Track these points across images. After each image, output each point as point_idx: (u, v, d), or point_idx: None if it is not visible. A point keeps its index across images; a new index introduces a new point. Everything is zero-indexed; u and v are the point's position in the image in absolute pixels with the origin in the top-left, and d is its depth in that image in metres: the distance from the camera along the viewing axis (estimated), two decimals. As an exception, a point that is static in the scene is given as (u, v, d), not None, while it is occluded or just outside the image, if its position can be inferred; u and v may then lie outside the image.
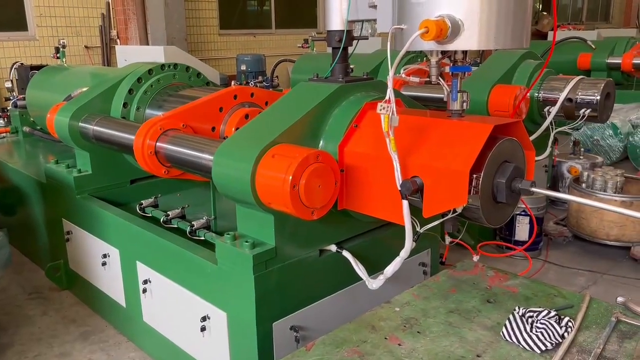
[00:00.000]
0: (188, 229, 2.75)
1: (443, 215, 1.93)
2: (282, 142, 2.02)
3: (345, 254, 2.31)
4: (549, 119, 3.90)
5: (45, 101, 4.03)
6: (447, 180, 1.78)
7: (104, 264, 3.04)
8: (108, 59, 7.81)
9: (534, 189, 1.81)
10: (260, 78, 6.46)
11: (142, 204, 3.14)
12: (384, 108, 1.81)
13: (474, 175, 1.77)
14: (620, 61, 7.72)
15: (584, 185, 3.99)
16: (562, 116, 4.01)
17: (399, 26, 1.87)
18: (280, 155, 1.93)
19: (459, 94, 1.94)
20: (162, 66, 3.33)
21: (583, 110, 3.84)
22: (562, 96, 3.89)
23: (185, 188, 3.62)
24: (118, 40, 7.79)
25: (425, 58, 5.16)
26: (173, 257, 2.52)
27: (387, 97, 1.82)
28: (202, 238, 2.73)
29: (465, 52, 1.92)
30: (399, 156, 1.86)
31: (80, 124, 3.12)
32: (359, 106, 2.16)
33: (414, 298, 1.89)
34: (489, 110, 3.79)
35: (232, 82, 2.99)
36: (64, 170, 3.34)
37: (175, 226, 2.89)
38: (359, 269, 2.25)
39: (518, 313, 1.70)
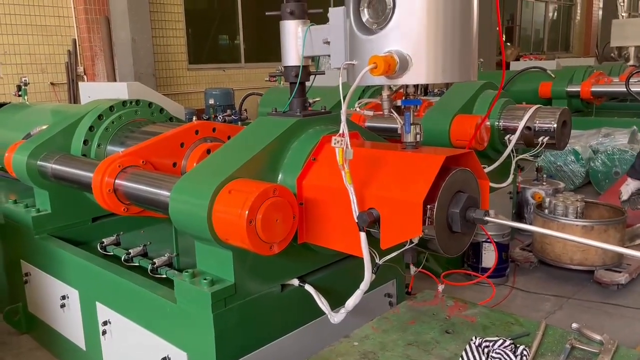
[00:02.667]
0: (149, 267, 2.70)
1: (402, 245, 1.94)
2: (239, 176, 2.02)
3: (308, 288, 2.29)
4: (510, 147, 3.98)
5: (4, 139, 3.95)
6: (402, 212, 1.79)
7: (62, 305, 2.95)
8: (74, 95, 7.76)
9: (488, 218, 1.83)
10: (228, 112, 6.47)
11: (103, 242, 3.07)
12: (338, 142, 1.83)
13: (428, 206, 1.79)
14: (579, 89, 7.99)
15: (546, 211, 4.06)
16: (522, 144, 4.11)
17: (350, 62, 1.91)
18: (236, 191, 1.92)
19: (412, 127, 1.98)
20: (124, 102, 3.31)
21: (541, 137, 3.94)
22: (521, 125, 3.99)
23: (149, 224, 3.56)
24: (85, 77, 7.76)
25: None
26: (132, 297, 2.46)
27: (340, 131, 1.84)
28: (164, 276, 2.68)
29: (416, 86, 1.96)
30: (355, 188, 1.87)
31: (38, 162, 3.07)
32: (316, 139, 2.18)
33: (373, 331, 1.88)
34: (451, 139, 3.86)
35: (194, 118, 2.98)
36: (22, 210, 3.26)
37: (137, 264, 2.84)
38: (322, 303, 2.23)
39: (474, 343, 1.70)
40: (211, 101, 6.60)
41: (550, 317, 3.49)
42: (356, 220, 1.86)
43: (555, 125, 3.90)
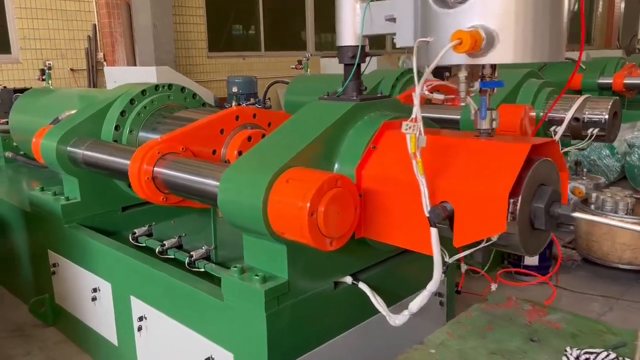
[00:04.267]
0: (187, 260, 2.56)
1: (473, 243, 1.77)
2: (295, 165, 1.85)
3: (362, 286, 2.13)
4: (556, 139, 3.78)
5: (30, 125, 3.82)
6: (482, 206, 1.62)
7: (94, 299, 2.82)
8: (94, 81, 7.62)
9: (576, 215, 1.65)
10: (252, 100, 6.31)
11: (135, 233, 2.93)
12: (410, 127, 1.66)
13: (511, 200, 1.61)
14: (611, 81, 7.73)
15: (592, 206, 3.87)
16: (568, 136, 3.91)
17: (424, 39, 1.73)
18: (295, 180, 1.76)
19: (488, 112, 1.80)
20: (156, 87, 3.15)
21: (590, 129, 3.73)
22: (569, 115, 3.78)
23: (180, 215, 3.42)
24: (105, 63, 7.61)
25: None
26: (172, 292, 2.31)
27: (413, 116, 1.66)
28: (202, 270, 2.53)
29: (494, 67, 1.78)
30: (426, 180, 1.70)
31: (68, 148, 2.93)
32: (376, 126, 2.00)
33: (449, 337, 1.71)
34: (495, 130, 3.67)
35: (234, 103, 2.83)
36: (50, 197, 3.12)
37: (172, 257, 2.69)
38: (378, 303, 2.07)
39: (571, 355, 1.53)
40: (234, 89, 6.43)
41: (601, 319, 3.31)
42: (427, 215, 1.69)
43: (606, 117, 3.69)
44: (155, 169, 2.34)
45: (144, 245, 2.87)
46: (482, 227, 1.63)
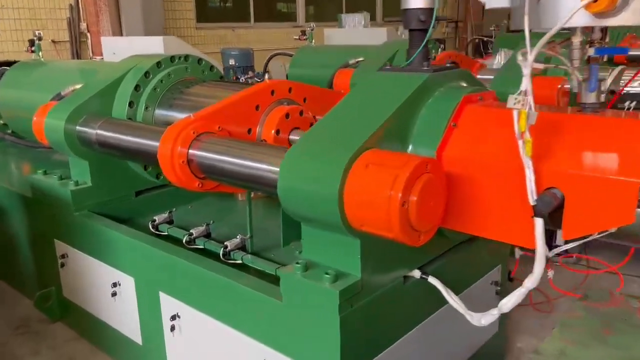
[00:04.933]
0: (221, 251, 2.30)
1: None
2: (370, 147, 1.60)
3: (433, 280, 1.91)
4: (590, 112, 3.59)
5: (23, 101, 3.48)
6: (606, 193, 1.40)
7: (114, 294, 2.55)
8: (78, 54, 7.16)
9: None
10: (250, 73, 5.96)
11: (155, 220, 2.65)
12: (518, 102, 1.42)
13: (638, 186, 1.40)
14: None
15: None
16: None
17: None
18: (377, 165, 1.51)
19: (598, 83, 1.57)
20: (172, 58, 2.84)
21: (627, 102, 3.54)
22: (605, 87, 3.58)
23: (197, 199, 3.15)
24: (88, 34, 7.15)
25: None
26: (214, 289, 2.07)
27: (522, 88, 1.43)
28: (239, 262, 2.29)
29: (605, 31, 1.55)
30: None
31: (77, 127, 2.62)
32: (454, 100, 1.76)
33: (566, 344, 1.51)
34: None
35: (266, 77, 2.54)
36: (55, 182, 2.82)
37: (201, 247, 2.44)
38: (453, 300, 1.86)
39: None
40: (231, 62, 6.08)
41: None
42: (534, 204, 1.47)
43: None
44: (190, 151, 2.06)
45: (166, 233, 2.61)
46: (603, 218, 1.42)
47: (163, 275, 2.31)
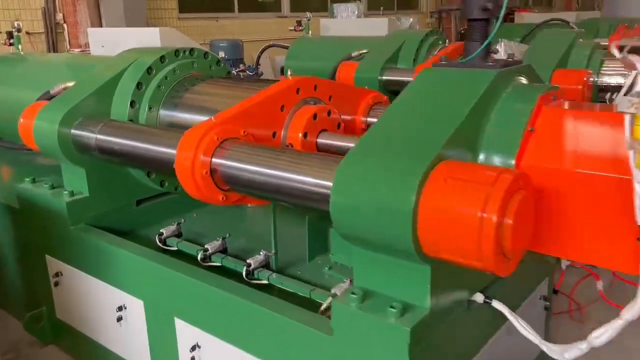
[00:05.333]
0: (244, 270, 2.05)
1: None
2: (443, 157, 1.36)
3: (498, 305, 1.68)
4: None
5: (6, 100, 3.14)
6: None
7: (119, 318, 2.26)
8: (54, 46, 6.74)
9: None
10: (242, 66, 5.67)
11: (162, 233, 2.38)
12: (633, 105, 1.20)
13: None
14: (607, 43, 7.49)
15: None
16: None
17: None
18: (461, 180, 1.27)
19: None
20: (176, 52, 2.55)
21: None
22: (629, 81, 3.40)
23: (202, 206, 2.88)
24: (65, 25, 6.72)
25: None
26: (242, 317, 1.81)
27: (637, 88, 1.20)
28: (265, 282, 2.04)
29: None
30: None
31: (73, 131, 2.32)
32: (531, 101, 1.52)
33: None
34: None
35: (290, 73, 2.26)
36: (47, 192, 2.51)
37: (219, 264, 2.18)
38: (526, 329, 1.63)
39: None
40: (221, 54, 5.76)
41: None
42: (645, 224, 1.24)
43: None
44: (214, 159, 1.79)
45: (175, 248, 2.34)
46: None
47: (179, 299, 2.04)
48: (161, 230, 2.39)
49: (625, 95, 1.27)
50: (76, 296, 2.51)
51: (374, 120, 2.41)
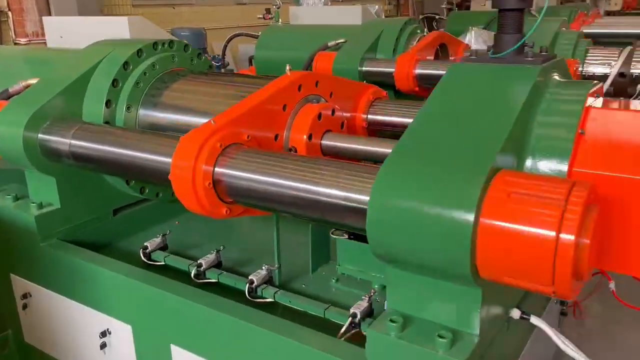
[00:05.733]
0: (246, 288, 1.85)
1: None
2: (499, 166, 1.20)
3: (536, 321, 1.55)
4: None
5: (-47, 99, 2.78)
6: None
7: (103, 345, 2.02)
8: (-2, 36, 6.24)
9: None
10: (207, 56, 5.36)
11: (146, 247, 2.14)
12: None
13: None
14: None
15: None
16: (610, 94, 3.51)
17: None
18: (529, 195, 1.11)
19: None
20: (155, 44, 2.30)
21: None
22: (614, 70, 3.37)
23: (183, 212, 2.64)
24: (10, 13, 6.22)
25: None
26: (253, 345, 1.61)
27: None
28: (269, 300, 1.85)
29: None
30: None
31: (41, 135, 2.04)
32: (579, 101, 1.38)
33: None
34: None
35: (288, 68, 2.03)
36: (11, 204, 2.23)
37: (214, 281, 1.97)
38: (569, 347, 1.51)
39: None
40: (184, 44, 5.43)
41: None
42: None
43: (660, 70, 3.31)
44: (217, 169, 1.57)
45: (163, 263, 2.11)
46: None
47: (174, 324, 1.83)
48: (145, 244, 2.15)
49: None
50: (49, 320, 2.24)
51: (376, 117, 2.25)
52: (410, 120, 2.10)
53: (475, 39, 4.80)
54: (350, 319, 1.63)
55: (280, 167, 1.47)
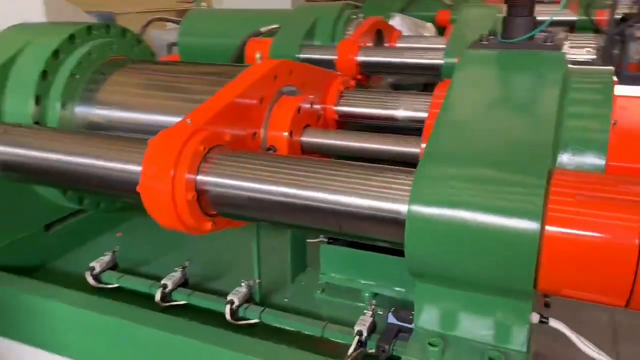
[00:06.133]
0: (227, 309, 1.61)
1: None
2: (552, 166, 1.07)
3: (556, 324, 1.45)
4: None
5: None
6: None
7: (50, 390, 1.69)
8: None
9: None
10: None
11: (94, 268, 1.83)
12: None
13: None
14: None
15: None
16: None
17: None
18: (599, 198, 0.99)
19: None
20: (89, 28, 1.96)
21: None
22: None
23: (123, 221, 2.34)
24: None
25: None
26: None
27: None
28: (254, 321, 1.62)
29: None
30: None
31: (-46, 141, 1.65)
32: (608, 89, 1.29)
33: None
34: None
35: (259, 56, 1.76)
36: None
37: (183, 302, 1.72)
38: (589, 347, 1.43)
39: None
40: (92, 30, 4.90)
41: None
42: None
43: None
44: (200, 177, 1.32)
45: (116, 285, 1.81)
46: None
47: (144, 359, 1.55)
48: (91, 264, 1.83)
49: None
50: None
51: (348, 109, 2.06)
52: (387, 112, 2.01)
53: (401, 24, 4.74)
54: (357, 337, 1.45)
55: (285, 172, 1.25)
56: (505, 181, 1.03)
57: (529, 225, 0.98)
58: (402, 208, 1.09)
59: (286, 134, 1.64)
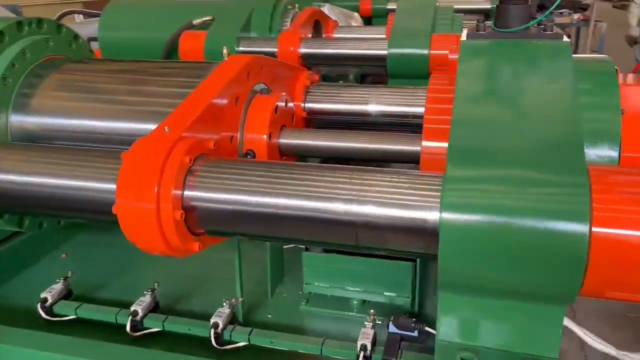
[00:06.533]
0: (211, 333, 1.45)
1: None
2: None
3: (571, 324, 1.42)
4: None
5: None
6: None
7: None
8: None
9: None
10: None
11: (46, 300, 1.60)
12: None
13: None
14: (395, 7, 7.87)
15: None
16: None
17: None
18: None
19: None
20: (19, 24, 1.69)
21: None
22: None
23: (64, 241, 2.09)
24: None
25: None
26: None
27: None
28: (244, 344, 1.48)
29: None
30: None
31: None
32: (613, 78, 1.26)
33: None
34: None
35: (225, 51, 1.58)
36: None
37: (158, 330, 1.53)
38: (596, 341, 1.41)
39: None
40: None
41: None
42: None
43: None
44: (188, 193, 1.15)
45: (74, 317, 1.59)
46: None
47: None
48: (43, 295, 1.60)
49: None
50: None
51: (316, 105, 1.93)
52: (357, 107, 1.91)
53: (332, 12, 4.67)
54: (361, 353, 1.35)
55: (290, 182, 1.11)
56: (546, 181, 0.96)
57: (578, 227, 0.91)
58: (431, 216, 0.99)
59: (265, 136, 1.50)
